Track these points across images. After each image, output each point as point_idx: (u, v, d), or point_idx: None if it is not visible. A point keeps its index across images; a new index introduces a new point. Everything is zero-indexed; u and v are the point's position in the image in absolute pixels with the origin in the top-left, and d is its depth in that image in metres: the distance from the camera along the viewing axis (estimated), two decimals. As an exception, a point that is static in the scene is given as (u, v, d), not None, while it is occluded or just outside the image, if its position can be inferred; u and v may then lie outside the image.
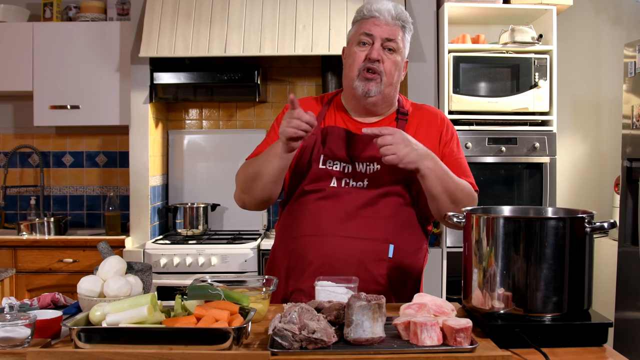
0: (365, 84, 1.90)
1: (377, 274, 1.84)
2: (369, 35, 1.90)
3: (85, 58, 3.74)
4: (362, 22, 1.94)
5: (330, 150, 1.92)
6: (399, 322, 1.39)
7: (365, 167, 1.91)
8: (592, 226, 1.45)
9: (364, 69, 1.90)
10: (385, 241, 1.87)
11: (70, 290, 2.72)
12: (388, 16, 1.91)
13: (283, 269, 1.92)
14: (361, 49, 1.91)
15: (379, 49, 1.89)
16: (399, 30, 1.92)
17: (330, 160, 1.92)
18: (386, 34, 1.90)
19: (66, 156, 4.19)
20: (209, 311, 1.40)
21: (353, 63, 1.92)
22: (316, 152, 1.92)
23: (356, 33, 1.94)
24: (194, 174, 4.06)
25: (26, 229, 3.82)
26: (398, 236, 1.88)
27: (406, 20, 1.96)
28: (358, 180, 1.89)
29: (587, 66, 4.06)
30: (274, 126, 2.03)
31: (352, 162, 1.91)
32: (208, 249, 3.42)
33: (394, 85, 1.95)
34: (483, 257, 1.48)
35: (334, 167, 1.91)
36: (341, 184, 1.89)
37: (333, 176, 1.90)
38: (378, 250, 1.86)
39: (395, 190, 1.89)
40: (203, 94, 3.77)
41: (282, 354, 1.30)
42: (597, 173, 4.05)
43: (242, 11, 3.53)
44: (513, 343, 1.38)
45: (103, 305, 1.42)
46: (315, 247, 1.86)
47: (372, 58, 1.88)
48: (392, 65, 1.91)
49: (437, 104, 3.60)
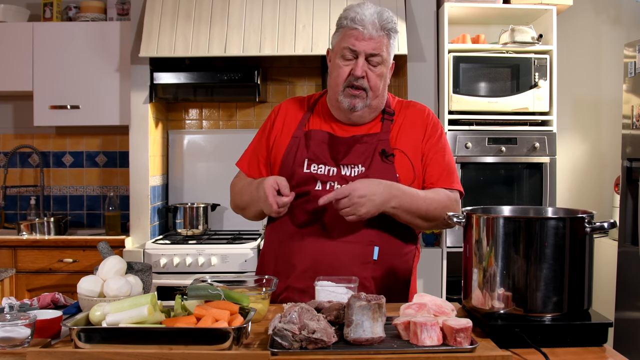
0: (351, 100, 1.87)
1: (363, 277, 1.83)
2: (352, 51, 1.84)
3: (85, 58, 3.74)
4: (345, 33, 1.86)
5: (314, 154, 1.91)
6: (399, 322, 1.39)
7: (350, 169, 1.89)
8: (592, 226, 1.45)
9: (348, 85, 1.86)
10: (369, 244, 1.86)
11: (70, 290, 2.73)
12: (372, 29, 1.82)
13: (271, 272, 1.93)
14: (345, 62, 1.86)
15: (363, 64, 1.84)
16: (384, 40, 1.85)
17: (314, 164, 1.90)
18: (370, 49, 1.83)
19: (66, 156, 4.19)
20: (209, 311, 1.40)
21: (337, 77, 1.88)
22: (300, 156, 1.91)
23: (339, 44, 1.88)
24: (194, 174, 4.06)
25: (26, 229, 3.82)
26: (383, 238, 1.88)
27: (391, 27, 1.87)
28: (342, 183, 1.87)
29: (587, 66, 4.06)
30: (263, 131, 2.05)
31: (337, 165, 1.90)
32: (208, 249, 3.42)
33: (380, 95, 1.92)
34: (483, 257, 1.48)
35: (318, 170, 1.90)
36: (326, 187, 1.88)
37: (318, 179, 1.89)
38: (363, 253, 1.85)
39: None
40: (203, 94, 3.77)
41: (282, 354, 1.30)
42: (597, 173, 4.05)
43: (242, 11, 3.53)
44: (513, 343, 1.38)
45: (103, 305, 1.42)
46: (301, 251, 1.86)
47: (356, 75, 1.84)
48: (377, 78, 1.87)
49: (437, 104, 3.61)
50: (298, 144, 1.93)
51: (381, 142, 1.91)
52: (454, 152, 3.44)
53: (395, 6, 3.51)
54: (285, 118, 2.01)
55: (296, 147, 1.93)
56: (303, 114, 2.00)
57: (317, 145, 1.91)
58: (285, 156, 1.93)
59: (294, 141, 1.93)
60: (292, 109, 2.02)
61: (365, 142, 1.91)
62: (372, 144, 1.91)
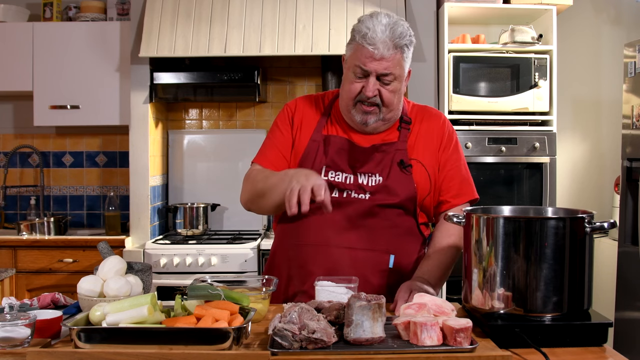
0: (363, 115, 1.84)
1: (378, 284, 1.84)
2: (363, 70, 1.79)
3: (85, 58, 3.74)
4: (357, 49, 1.79)
5: (332, 161, 1.89)
6: (399, 322, 1.39)
7: (367, 178, 1.88)
8: (592, 226, 1.45)
9: (360, 100, 1.83)
10: (386, 252, 1.86)
11: (70, 290, 2.72)
12: (384, 49, 1.75)
13: (284, 274, 1.91)
14: (356, 79, 1.81)
15: (374, 84, 1.79)
16: (398, 56, 1.79)
17: (332, 171, 1.88)
18: (382, 69, 1.77)
19: (66, 156, 4.19)
20: (209, 311, 1.40)
21: (349, 91, 1.83)
22: (318, 163, 1.89)
23: (351, 59, 1.82)
24: (194, 174, 4.06)
25: (26, 229, 3.82)
26: (398, 246, 1.88)
27: (406, 43, 1.80)
28: (360, 192, 1.86)
29: (587, 66, 4.05)
30: (276, 125, 1.99)
31: (354, 174, 1.88)
32: (208, 249, 3.42)
33: (395, 109, 1.87)
34: (483, 257, 1.48)
35: (336, 177, 1.88)
36: (343, 195, 1.87)
37: (335, 187, 1.87)
38: (379, 261, 1.85)
39: (396, 201, 1.87)
40: (203, 94, 3.77)
41: (282, 354, 1.30)
42: (597, 173, 4.05)
43: (242, 11, 3.53)
44: (513, 343, 1.38)
45: (103, 305, 1.42)
46: (317, 257, 1.85)
47: (368, 96, 1.80)
48: (390, 94, 1.82)
49: (437, 104, 3.61)
50: (317, 149, 1.90)
51: (399, 152, 1.89)
52: (454, 152, 3.44)
53: (395, 6, 3.51)
54: (303, 118, 1.97)
55: (315, 151, 1.90)
56: (320, 116, 1.96)
57: (335, 152, 1.89)
58: (303, 159, 1.91)
59: (312, 145, 1.90)
60: (308, 109, 1.98)
61: (383, 151, 1.89)
62: (390, 152, 1.89)
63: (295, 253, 1.89)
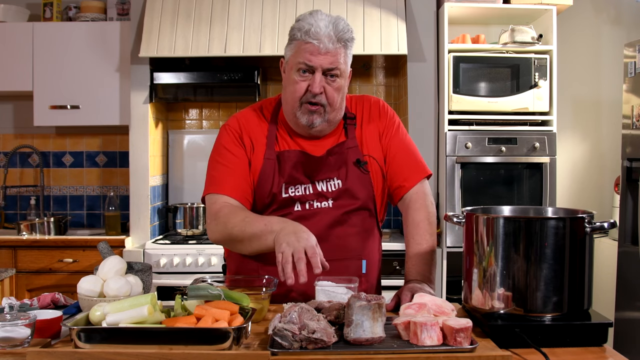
0: (309, 116, 1.80)
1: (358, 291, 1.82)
2: (308, 67, 1.75)
3: (85, 58, 3.74)
4: (300, 47, 1.76)
5: (290, 177, 1.84)
6: (399, 322, 1.39)
7: (326, 184, 1.85)
8: (592, 226, 1.45)
9: (306, 101, 1.79)
10: (358, 258, 1.86)
11: (70, 290, 2.73)
12: (328, 42, 1.73)
13: None
14: (301, 77, 1.78)
15: (320, 80, 1.76)
16: (341, 51, 1.77)
17: (292, 187, 1.84)
18: (327, 64, 1.75)
19: (66, 156, 4.19)
20: (209, 311, 1.40)
21: (294, 92, 1.79)
22: (277, 183, 1.84)
23: (294, 58, 1.78)
24: (194, 174, 4.06)
25: (26, 229, 3.82)
26: (367, 249, 1.88)
27: (348, 37, 1.78)
28: (322, 200, 1.84)
29: (587, 66, 4.05)
30: (225, 148, 1.87)
31: (312, 182, 1.85)
32: (208, 249, 3.42)
33: (338, 108, 1.84)
34: (483, 257, 1.48)
35: (296, 192, 1.84)
36: (305, 206, 1.83)
37: (296, 200, 1.84)
38: (353, 268, 1.84)
39: (360, 204, 1.86)
40: (203, 94, 3.77)
41: (282, 354, 1.30)
42: (597, 173, 4.05)
43: (242, 11, 3.53)
44: (513, 343, 1.38)
45: (103, 305, 1.42)
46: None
47: (314, 92, 1.76)
48: (335, 92, 1.79)
49: (437, 104, 3.61)
50: (273, 168, 1.84)
51: (351, 150, 1.87)
52: (454, 152, 3.44)
53: (395, 6, 3.51)
54: (251, 136, 1.89)
55: (272, 170, 1.84)
56: (267, 130, 1.89)
57: (292, 167, 1.84)
58: (260, 179, 1.84)
59: (267, 163, 1.84)
60: (253, 126, 1.90)
61: (336, 153, 1.86)
62: (344, 153, 1.87)
63: (266, 270, 1.82)
